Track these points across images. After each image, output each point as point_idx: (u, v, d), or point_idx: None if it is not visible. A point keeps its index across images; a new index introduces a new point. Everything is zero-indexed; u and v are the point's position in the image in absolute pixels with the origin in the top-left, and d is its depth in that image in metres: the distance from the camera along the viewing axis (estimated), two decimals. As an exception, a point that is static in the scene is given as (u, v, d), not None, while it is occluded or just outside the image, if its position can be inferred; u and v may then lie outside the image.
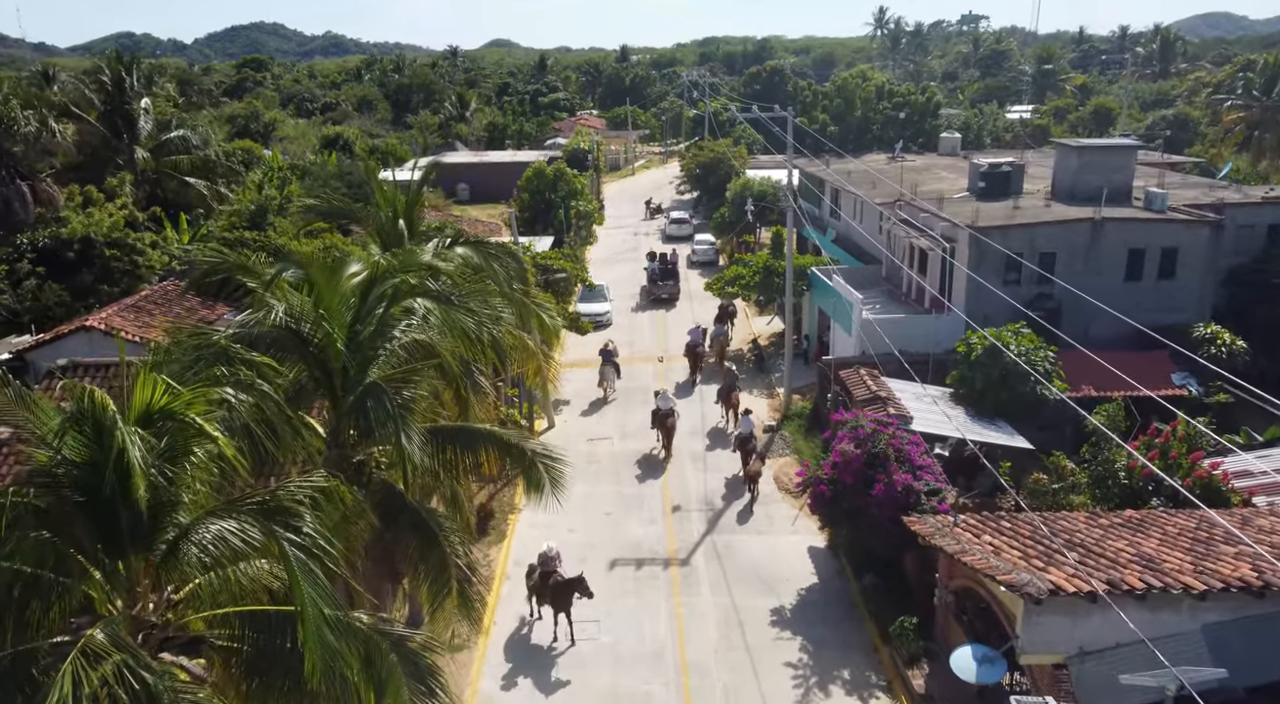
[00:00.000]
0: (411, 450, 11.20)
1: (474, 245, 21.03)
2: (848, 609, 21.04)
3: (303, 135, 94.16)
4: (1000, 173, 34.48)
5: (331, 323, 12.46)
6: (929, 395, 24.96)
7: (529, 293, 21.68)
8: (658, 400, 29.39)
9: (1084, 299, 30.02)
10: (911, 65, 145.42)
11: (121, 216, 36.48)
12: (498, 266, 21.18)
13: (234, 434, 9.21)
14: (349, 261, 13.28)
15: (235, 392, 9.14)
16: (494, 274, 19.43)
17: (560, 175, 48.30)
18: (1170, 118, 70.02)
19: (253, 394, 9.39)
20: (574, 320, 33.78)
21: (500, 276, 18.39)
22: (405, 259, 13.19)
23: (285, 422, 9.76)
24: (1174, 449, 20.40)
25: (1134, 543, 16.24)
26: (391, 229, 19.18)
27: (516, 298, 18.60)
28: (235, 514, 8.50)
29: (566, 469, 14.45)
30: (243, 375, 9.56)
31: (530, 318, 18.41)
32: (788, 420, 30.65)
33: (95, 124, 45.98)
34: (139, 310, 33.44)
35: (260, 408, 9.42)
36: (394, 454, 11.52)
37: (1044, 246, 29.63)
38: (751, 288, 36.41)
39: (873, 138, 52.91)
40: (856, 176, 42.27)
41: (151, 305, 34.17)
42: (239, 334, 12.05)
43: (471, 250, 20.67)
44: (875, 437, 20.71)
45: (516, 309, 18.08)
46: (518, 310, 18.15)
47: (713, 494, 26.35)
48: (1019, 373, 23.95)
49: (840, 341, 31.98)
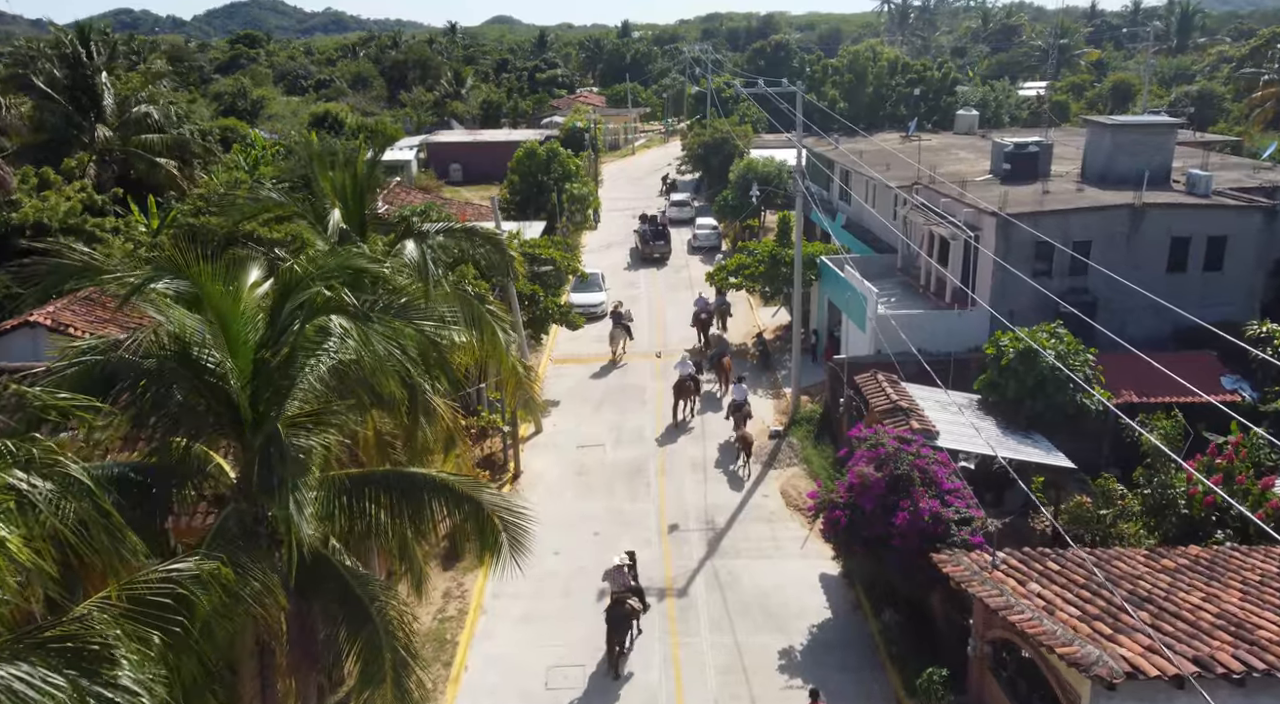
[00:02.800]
0: (298, 524, 8.69)
1: (452, 233, 18.48)
2: (866, 652, 18.56)
3: (294, 113, 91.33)
4: (1027, 154, 31.73)
5: (232, 347, 9.90)
6: (954, 404, 22.38)
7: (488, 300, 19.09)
8: (678, 367, 29.33)
9: (1121, 293, 27.47)
10: (920, 41, 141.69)
11: (79, 201, 33.80)
12: (481, 254, 18.68)
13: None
14: (252, 268, 10.71)
15: (28, 476, 6.58)
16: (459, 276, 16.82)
17: (554, 156, 45.52)
18: (1194, 94, 66.92)
19: (54, 480, 6.82)
20: (565, 314, 31.17)
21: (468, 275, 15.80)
22: (329, 262, 10.60)
23: (100, 522, 7.14)
24: (1240, 472, 17.85)
25: (1210, 595, 13.71)
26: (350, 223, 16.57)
27: (473, 306, 16.00)
28: (30, 656, 5.98)
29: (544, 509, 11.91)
30: (41, 450, 6.96)
31: (484, 329, 15.82)
32: (795, 425, 28.06)
33: (58, 99, 43.23)
34: (93, 304, 30.90)
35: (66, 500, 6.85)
36: (281, 526, 8.97)
37: (1078, 235, 26.97)
38: (757, 278, 33.72)
39: (885, 115, 50.00)
40: (869, 157, 39.50)
41: (106, 299, 31.65)
42: (91, 364, 9.56)
43: (450, 239, 18.16)
44: (898, 457, 18.16)
45: (472, 316, 15.50)
46: (473, 318, 15.58)
47: (714, 511, 23.82)
48: (1057, 380, 21.35)
49: (853, 338, 29.38)
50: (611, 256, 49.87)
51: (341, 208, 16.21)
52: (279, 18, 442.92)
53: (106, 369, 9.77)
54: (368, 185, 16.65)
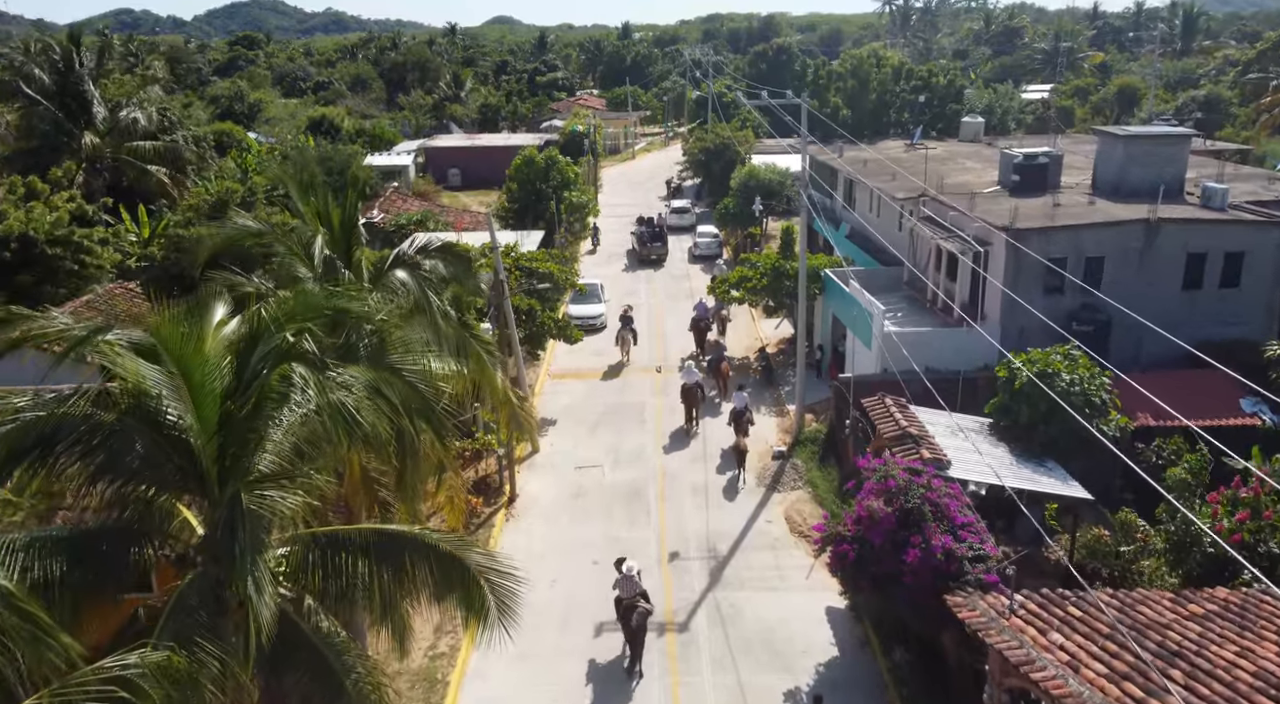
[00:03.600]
0: (259, 609, 7.88)
1: (443, 253, 17.63)
2: (875, 693, 17.77)
3: (291, 115, 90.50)
4: (1036, 165, 30.91)
5: (196, 397, 9.10)
6: (965, 429, 21.58)
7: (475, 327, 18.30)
8: (682, 374, 29.89)
9: (1136, 312, 26.70)
10: (921, 43, 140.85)
11: (66, 211, 32.97)
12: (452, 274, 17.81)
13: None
14: (214, 309, 9.91)
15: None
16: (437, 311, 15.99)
17: (552, 163, 44.68)
18: (1200, 99, 66.09)
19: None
20: (563, 329, 30.36)
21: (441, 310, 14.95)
22: (302, 304, 9.78)
23: (23, 629, 6.29)
24: (1267, 507, 17.03)
25: (1245, 649, 12.90)
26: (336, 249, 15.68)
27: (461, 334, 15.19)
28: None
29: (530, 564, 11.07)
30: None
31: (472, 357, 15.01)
32: (800, 445, 27.23)
33: (47, 105, 42.44)
34: (76, 320, 30.10)
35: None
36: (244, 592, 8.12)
37: (1091, 251, 26.18)
38: (759, 291, 32.90)
39: (889, 122, 49.17)
40: (873, 166, 38.75)
41: (92, 313, 30.84)
42: (30, 421, 8.75)
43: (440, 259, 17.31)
44: (909, 490, 17.36)
45: (458, 345, 14.70)
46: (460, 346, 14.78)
47: (716, 538, 23.01)
48: (1071, 405, 20.52)
49: (859, 355, 28.57)
50: (613, 266, 49.08)
51: (326, 235, 15.38)
52: (279, 18, 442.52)
53: (48, 427, 8.97)
54: (353, 214, 15.77)
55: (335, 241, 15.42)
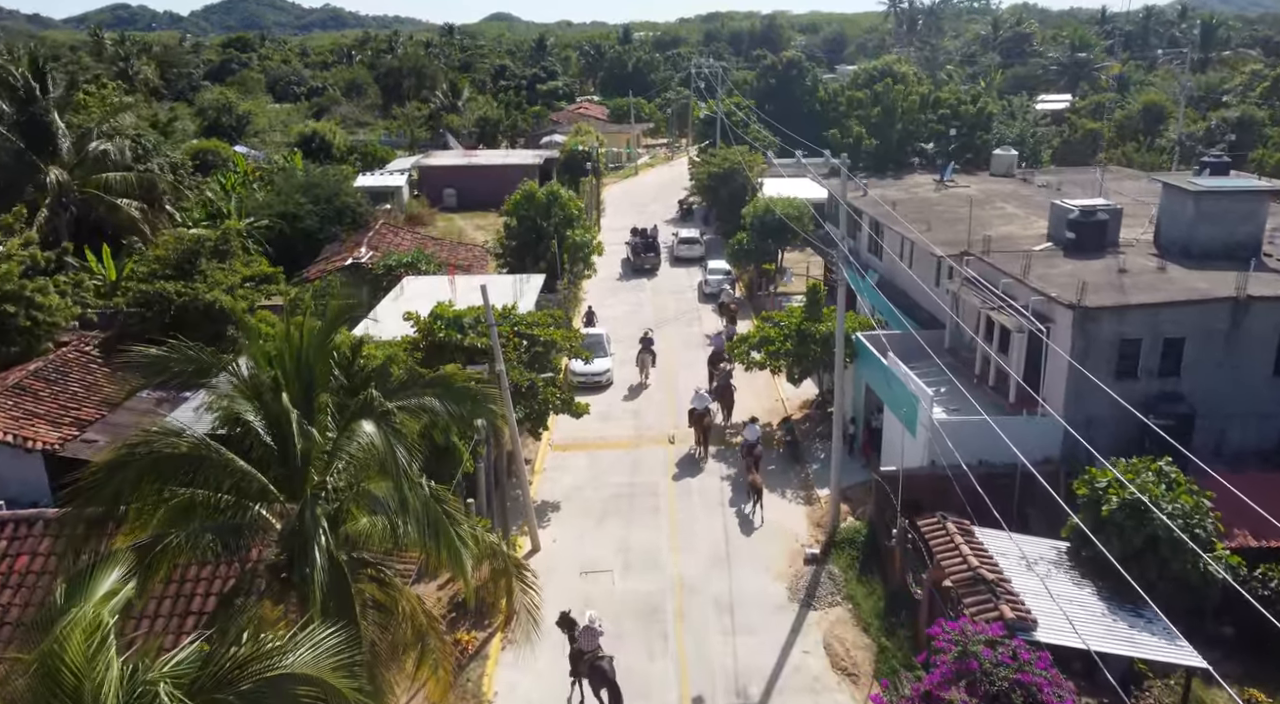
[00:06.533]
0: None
1: (440, 390, 14.37)
2: None
3: (282, 123, 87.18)
4: (1095, 222, 27.78)
5: None
6: (1043, 559, 18.49)
7: (453, 502, 15.18)
8: (693, 401, 30.02)
9: (1221, 400, 23.64)
10: (928, 48, 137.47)
11: (16, 265, 29.76)
12: (455, 411, 14.66)
13: None
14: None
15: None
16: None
17: (554, 199, 41.39)
18: (1232, 120, 62.96)
19: None
20: (567, 403, 27.22)
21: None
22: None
23: None
24: None
25: None
26: (296, 400, 12.25)
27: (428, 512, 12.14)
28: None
29: None
30: None
31: (443, 540, 12.10)
32: (837, 548, 24.05)
33: (8, 136, 39.23)
34: (21, 393, 26.93)
35: None
36: None
37: (1170, 332, 23.11)
38: (782, 356, 29.72)
39: (914, 151, 46.03)
40: (904, 207, 35.58)
41: (40, 383, 27.64)
42: None
43: (437, 398, 14.03)
44: (994, 673, 14.26)
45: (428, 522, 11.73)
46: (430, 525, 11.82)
47: (746, 676, 19.80)
48: (1172, 540, 17.43)
49: (903, 442, 25.40)
50: (620, 301, 45.99)
51: (283, 382, 12.17)
52: (277, 14, 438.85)
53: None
54: (322, 355, 12.52)
55: (293, 390, 12.15)
